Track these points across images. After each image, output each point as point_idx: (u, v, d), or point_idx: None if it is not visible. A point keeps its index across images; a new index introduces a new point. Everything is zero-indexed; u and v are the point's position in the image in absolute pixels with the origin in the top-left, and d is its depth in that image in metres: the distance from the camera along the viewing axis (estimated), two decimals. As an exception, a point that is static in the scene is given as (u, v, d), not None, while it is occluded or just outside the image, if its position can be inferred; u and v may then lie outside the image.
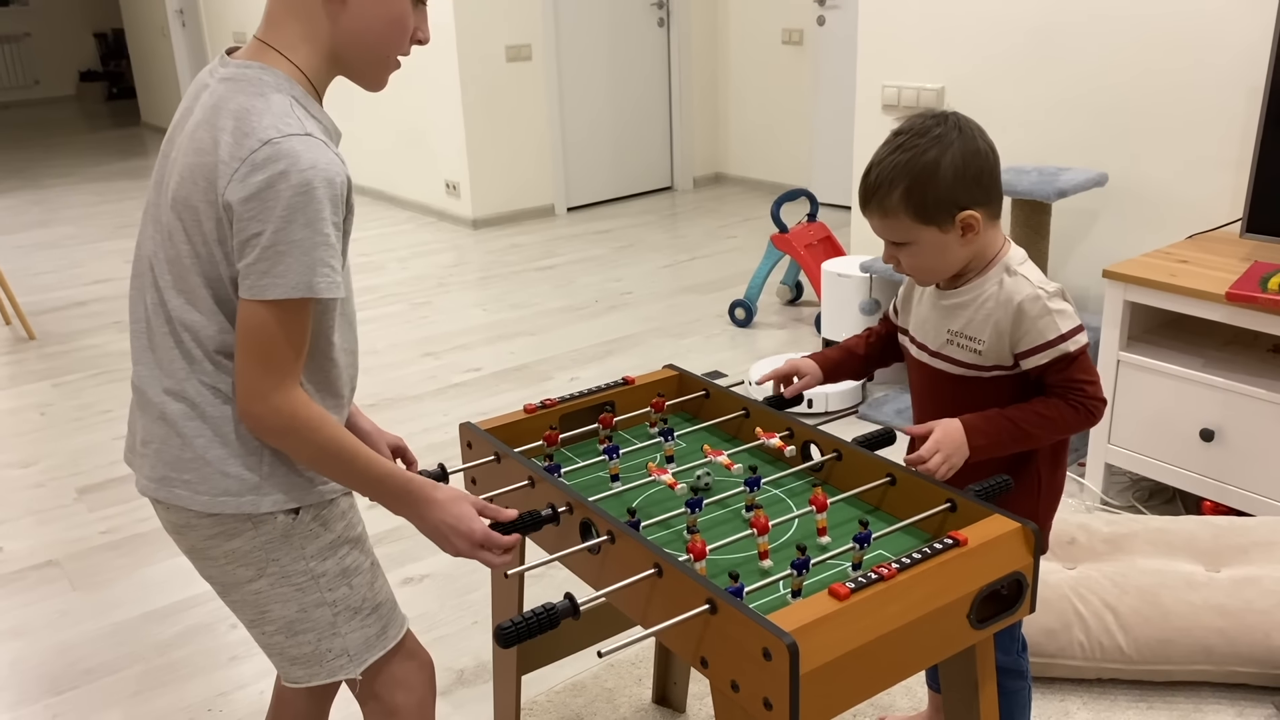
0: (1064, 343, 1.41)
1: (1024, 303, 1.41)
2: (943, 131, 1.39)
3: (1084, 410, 1.43)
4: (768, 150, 6.56)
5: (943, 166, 1.38)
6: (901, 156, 1.39)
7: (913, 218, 1.40)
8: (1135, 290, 2.51)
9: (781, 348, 3.96)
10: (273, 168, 1.14)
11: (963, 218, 1.40)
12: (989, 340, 1.45)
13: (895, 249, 1.45)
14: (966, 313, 1.47)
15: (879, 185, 1.40)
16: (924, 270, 1.47)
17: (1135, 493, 2.74)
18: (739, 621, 1.10)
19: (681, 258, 5.24)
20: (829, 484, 1.51)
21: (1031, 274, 1.45)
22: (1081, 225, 3.19)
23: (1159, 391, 2.51)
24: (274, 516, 1.29)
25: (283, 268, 1.15)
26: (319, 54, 1.24)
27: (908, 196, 1.39)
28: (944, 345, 1.50)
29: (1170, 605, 2.02)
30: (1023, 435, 1.42)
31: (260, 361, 1.19)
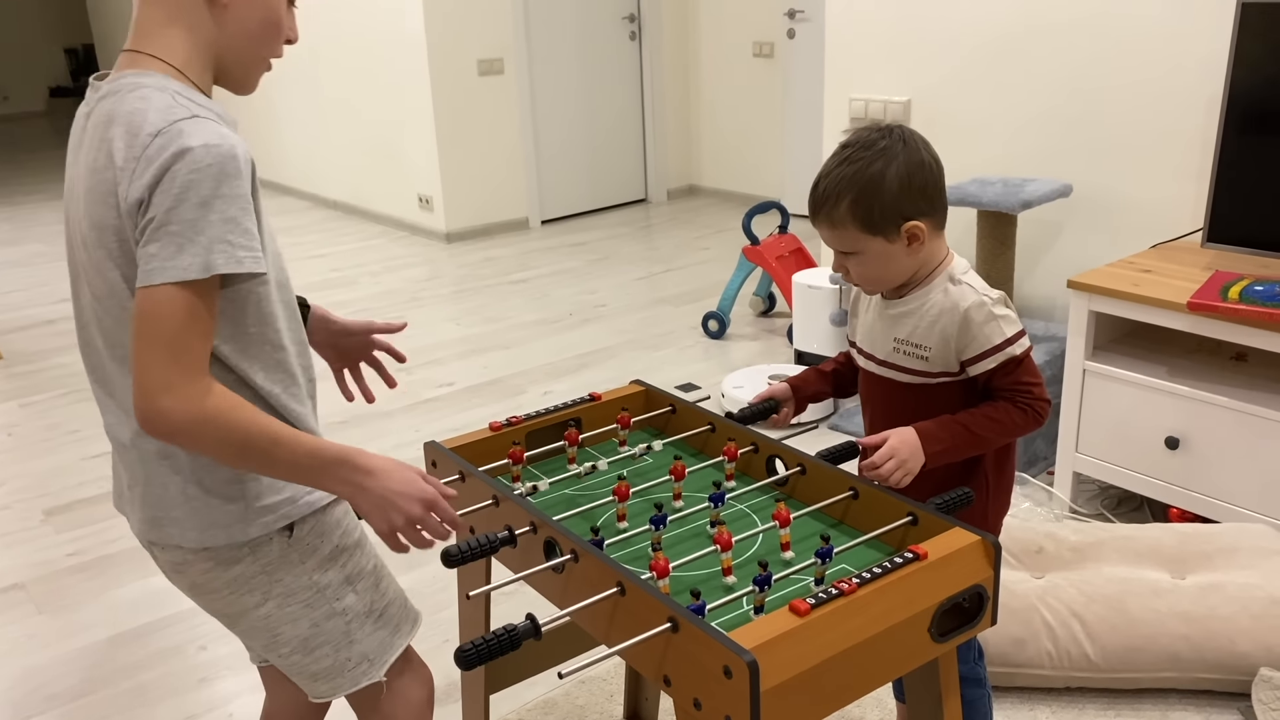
0: (1010, 347, 1.45)
1: (970, 310, 1.45)
2: (888, 144, 1.42)
3: (1031, 412, 1.46)
4: (740, 162, 6.59)
5: (888, 178, 1.41)
6: (848, 169, 1.42)
7: (860, 228, 1.43)
8: (1099, 300, 2.54)
9: (754, 359, 3.97)
10: (163, 154, 1.10)
11: (908, 228, 1.43)
12: (935, 347, 1.48)
13: (844, 258, 1.50)
14: (912, 320, 1.50)
15: (827, 197, 1.44)
16: (872, 279, 1.50)
17: (1103, 500, 2.77)
18: (700, 640, 1.10)
19: (656, 270, 5.26)
20: (793, 498, 1.51)
21: (975, 282, 1.49)
22: (1046, 236, 3.23)
23: (1124, 400, 2.54)
24: (268, 539, 1.28)
25: (173, 248, 1.09)
26: (200, 56, 1.22)
27: (854, 208, 1.42)
28: (891, 354, 1.53)
29: (1136, 613, 2.04)
30: (975, 439, 1.46)
31: (162, 352, 1.10)
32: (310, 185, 6.97)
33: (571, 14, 6.13)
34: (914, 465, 1.42)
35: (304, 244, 6.02)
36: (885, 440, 1.44)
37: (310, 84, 6.68)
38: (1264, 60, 2.42)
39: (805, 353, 3.73)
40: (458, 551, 1.30)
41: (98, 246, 1.18)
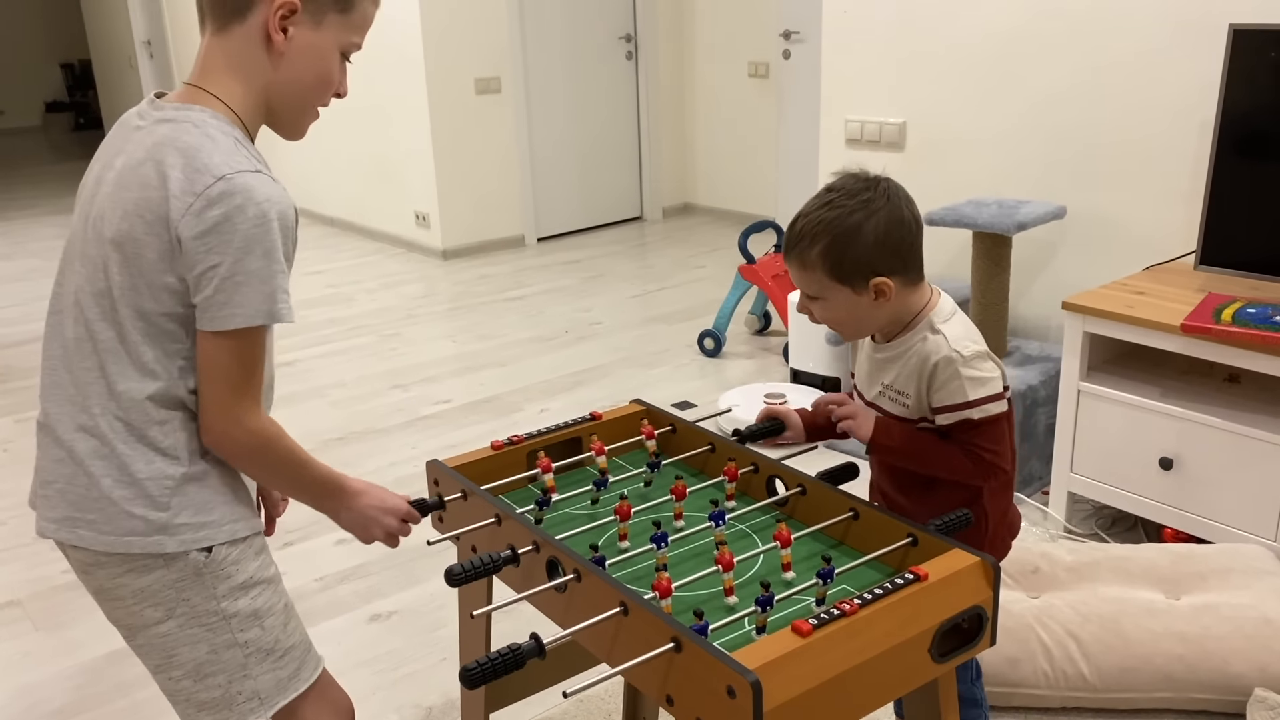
0: (969, 410, 1.46)
1: (938, 363, 1.46)
2: (871, 197, 1.43)
3: (981, 467, 1.48)
4: (735, 181, 6.62)
5: (864, 231, 1.42)
6: (828, 214, 1.43)
7: (827, 274, 1.45)
8: (1094, 321, 2.56)
9: (750, 377, 3.99)
10: (229, 202, 1.19)
11: (876, 283, 1.44)
12: (913, 395, 1.50)
13: (809, 301, 1.52)
14: (895, 366, 1.52)
15: (801, 237, 1.46)
16: (834, 324, 1.53)
17: (1098, 520, 2.78)
18: (703, 660, 1.11)
19: (651, 287, 5.28)
20: (794, 518, 1.53)
21: (952, 331, 1.48)
22: (1041, 257, 3.25)
23: (1118, 420, 2.56)
24: (186, 557, 1.30)
25: (241, 297, 1.21)
26: (254, 101, 1.30)
27: (826, 254, 1.44)
28: (877, 397, 1.56)
29: (1131, 633, 2.05)
30: (921, 459, 1.51)
31: (231, 388, 1.25)
32: (307, 202, 6.98)
33: (568, 33, 6.17)
34: (860, 432, 1.52)
35: (301, 260, 5.99)
36: (856, 405, 1.55)
37: (307, 101, 6.70)
38: (1256, 85, 2.45)
39: (801, 371, 3.75)
40: (461, 570, 1.31)
41: (120, 247, 1.23)
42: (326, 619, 2.53)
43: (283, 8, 1.25)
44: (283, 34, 1.26)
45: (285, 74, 1.29)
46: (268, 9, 1.25)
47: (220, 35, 1.27)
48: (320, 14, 1.27)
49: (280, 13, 1.25)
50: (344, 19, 1.30)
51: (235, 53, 1.27)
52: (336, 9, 1.28)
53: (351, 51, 1.34)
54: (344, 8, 1.29)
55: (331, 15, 1.28)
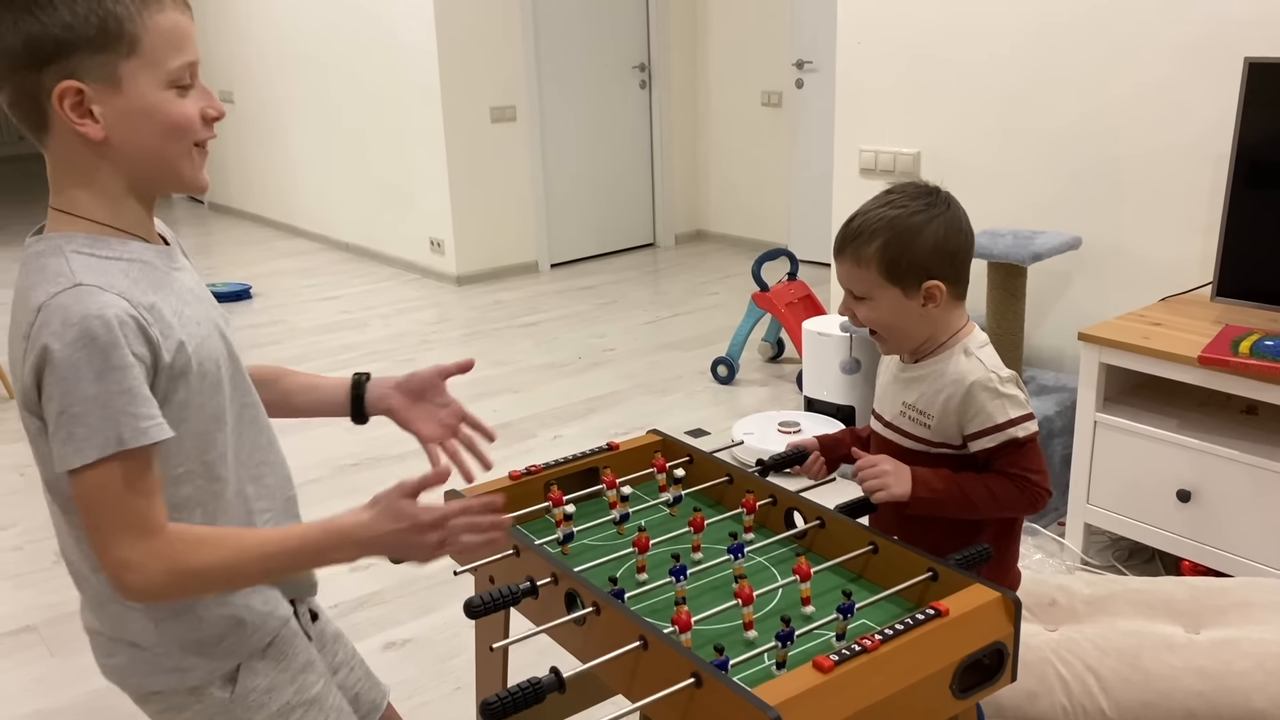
0: (1012, 428, 1.44)
1: (975, 384, 1.44)
2: (933, 201, 1.45)
3: (1029, 495, 1.45)
4: (748, 208, 6.65)
5: (925, 233, 1.42)
6: (890, 212, 1.43)
7: (882, 273, 1.44)
8: (1110, 353, 2.56)
9: (764, 405, 3.98)
10: (44, 334, 1.04)
11: (928, 286, 1.44)
12: (938, 417, 1.48)
13: (855, 302, 1.50)
14: (921, 386, 1.51)
15: (860, 233, 1.45)
16: (878, 327, 1.50)
17: (1115, 552, 2.77)
18: (723, 695, 1.11)
19: (664, 314, 5.29)
20: (812, 551, 1.52)
21: (988, 358, 1.48)
22: (1056, 287, 3.25)
23: (1135, 452, 2.55)
24: (210, 692, 1.24)
25: (83, 430, 1.04)
26: (108, 195, 1.12)
27: (884, 250, 1.43)
28: (896, 416, 1.55)
29: (1151, 667, 2.03)
30: (967, 502, 1.45)
31: (109, 531, 1.07)
32: (322, 228, 7.04)
33: (582, 62, 6.23)
34: (897, 492, 1.43)
35: (315, 286, 6.06)
36: (884, 459, 1.46)
37: (324, 127, 6.77)
38: (1271, 117, 2.46)
39: (815, 399, 3.75)
40: (480, 603, 1.31)
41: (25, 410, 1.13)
42: (340, 647, 2.52)
43: (64, 97, 1.05)
44: (91, 120, 1.06)
45: (124, 152, 1.10)
46: (58, 110, 1.05)
47: (47, 152, 1.12)
48: (109, 75, 1.05)
49: (68, 103, 1.05)
50: (141, 59, 1.07)
51: (64, 163, 1.11)
52: (121, 55, 1.05)
53: (183, 76, 1.11)
54: (130, 50, 1.06)
55: (123, 67, 1.06)
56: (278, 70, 7.13)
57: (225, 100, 8.01)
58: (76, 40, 1.03)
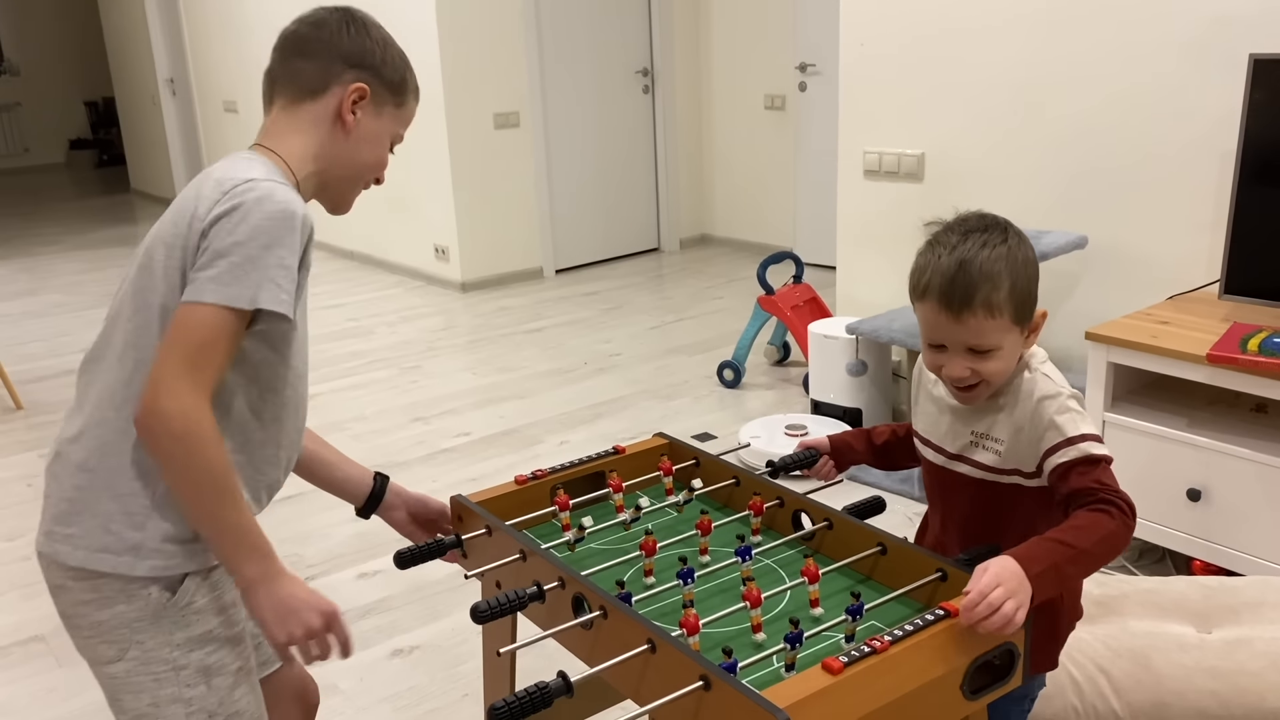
0: (1086, 443, 1.32)
1: (1045, 400, 1.35)
2: (1009, 229, 1.34)
3: (1119, 513, 1.26)
4: (752, 212, 6.65)
5: (1030, 262, 1.33)
6: (997, 251, 1.30)
7: (1012, 317, 1.32)
8: (1118, 352, 2.55)
9: (770, 409, 3.98)
10: (248, 194, 1.22)
11: (1038, 316, 1.36)
12: (1008, 440, 1.38)
13: (975, 358, 1.33)
14: (992, 413, 1.40)
15: (983, 281, 1.29)
16: (998, 377, 1.36)
17: (1125, 553, 2.75)
18: (733, 698, 1.10)
19: (669, 319, 5.28)
20: (820, 553, 1.52)
21: (1053, 373, 1.40)
22: (1063, 287, 3.24)
23: (1145, 451, 2.54)
24: (148, 591, 1.28)
25: (230, 276, 1.20)
26: (311, 168, 1.37)
27: (1013, 293, 1.30)
28: (967, 447, 1.43)
29: (1163, 668, 2.02)
30: (1076, 553, 1.24)
31: (183, 358, 1.19)
32: (327, 235, 7.05)
33: (586, 68, 6.23)
34: (1024, 595, 1.19)
35: (321, 294, 6.07)
36: (985, 571, 1.20)
37: (328, 136, 6.78)
38: (1277, 113, 2.45)
39: (821, 402, 3.74)
40: (486, 607, 1.31)
41: (150, 251, 1.27)
42: (348, 654, 2.52)
43: (356, 92, 1.37)
44: (354, 117, 1.37)
45: (348, 151, 1.39)
46: (343, 92, 1.36)
47: (290, 109, 1.37)
48: (381, 104, 1.40)
49: (354, 97, 1.37)
50: (397, 112, 1.43)
51: (303, 125, 1.36)
52: (393, 102, 1.42)
53: (397, 143, 1.46)
54: (399, 102, 1.43)
55: (389, 107, 1.41)
56: (282, 80, 7.14)
57: (230, 110, 8.03)
58: (381, 72, 1.40)
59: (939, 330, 1.34)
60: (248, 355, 1.29)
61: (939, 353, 1.37)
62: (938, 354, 1.37)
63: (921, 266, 1.34)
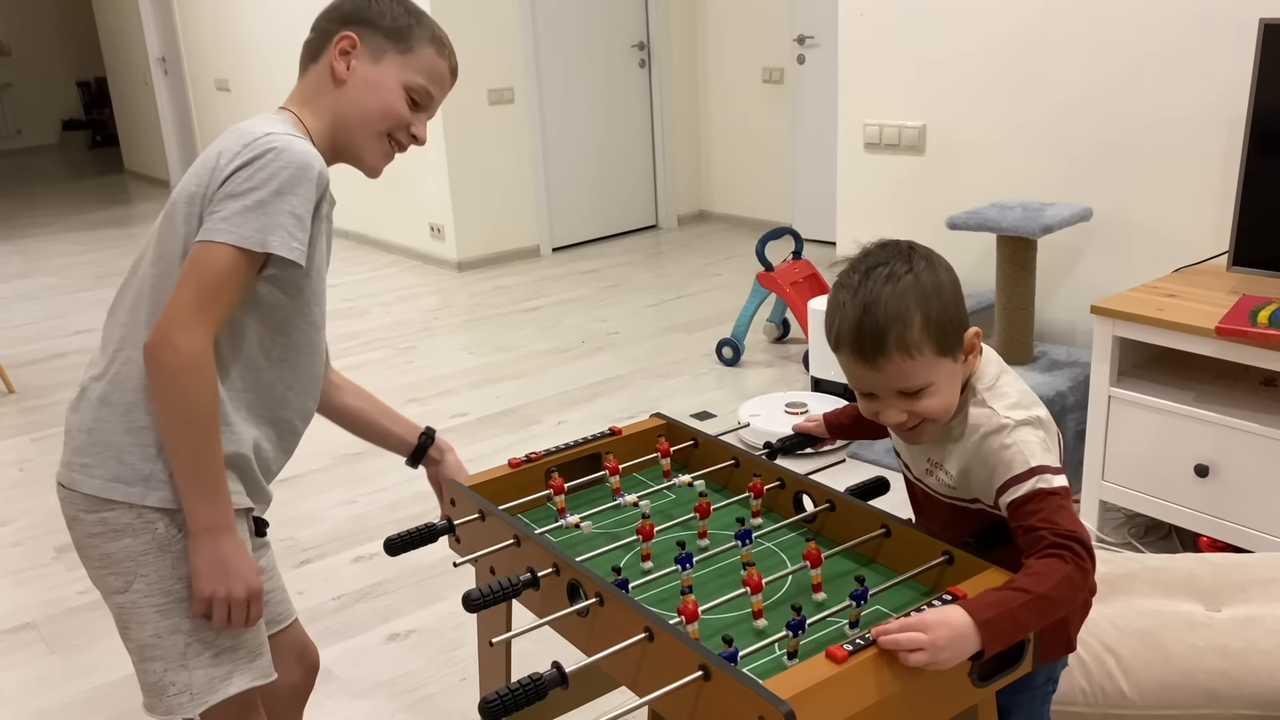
0: (1035, 477, 1.21)
1: (989, 434, 1.25)
2: (913, 254, 1.24)
3: (1073, 559, 1.15)
4: (750, 187, 6.58)
5: (945, 286, 1.23)
6: (904, 284, 1.20)
7: (935, 350, 1.21)
8: (1124, 325, 2.50)
9: (770, 386, 3.93)
10: (267, 146, 1.27)
11: (969, 337, 1.25)
12: (957, 476, 1.31)
13: (909, 400, 1.24)
14: (942, 444, 1.32)
15: (891, 321, 1.19)
16: (941, 413, 1.26)
17: (1130, 529, 2.71)
18: (733, 689, 1.06)
19: (667, 297, 5.23)
20: (822, 535, 1.47)
21: (1006, 389, 1.28)
22: (1067, 260, 3.19)
23: (1151, 427, 2.49)
24: (155, 526, 1.32)
25: (242, 219, 1.25)
26: (324, 125, 1.42)
27: (927, 325, 1.20)
28: (924, 474, 1.38)
29: (1171, 647, 1.99)
30: (1033, 598, 1.13)
31: (195, 295, 1.25)
32: (321, 215, 6.98)
33: (581, 43, 6.15)
34: (950, 653, 1.09)
35: (315, 274, 5.99)
36: (923, 613, 1.12)
37: (321, 115, 6.70)
38: (1287, 81, 2.39)
39: (822, 379, 3.70)
40: (479, 595, 1.27)
41: (173, 217, 1.32)
42: (344, 639, 2.48)
43: (342, 41, 1.40)
44: (345, 66, 1.40)
45: (347, 101, 1.41)
46: (333, 46, 1.41)
47: (303, 76, 1.44)
48: (379, 52, 1.41)
49: (340, 45, 1.40)
50: (403, 59, 1.42)
51: (310, 88, 1.43)
52: (395, 49, 1.42)
53: (420, 96, 1.43)
54: (403, 48, 1.42)
55: (390, 54, 1.42)
56: (275, 59, 7.05)
57: (222, 89, 7.95)
58: (376, 22, 1.41)
59: (863, 380, 1.25)
60: (261, 298, 1.33)
61: (870, 400, 1.27)
62: (870, 402, 1.28)
63: (829, 315, 1.25)
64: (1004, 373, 1.32)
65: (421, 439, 1.66)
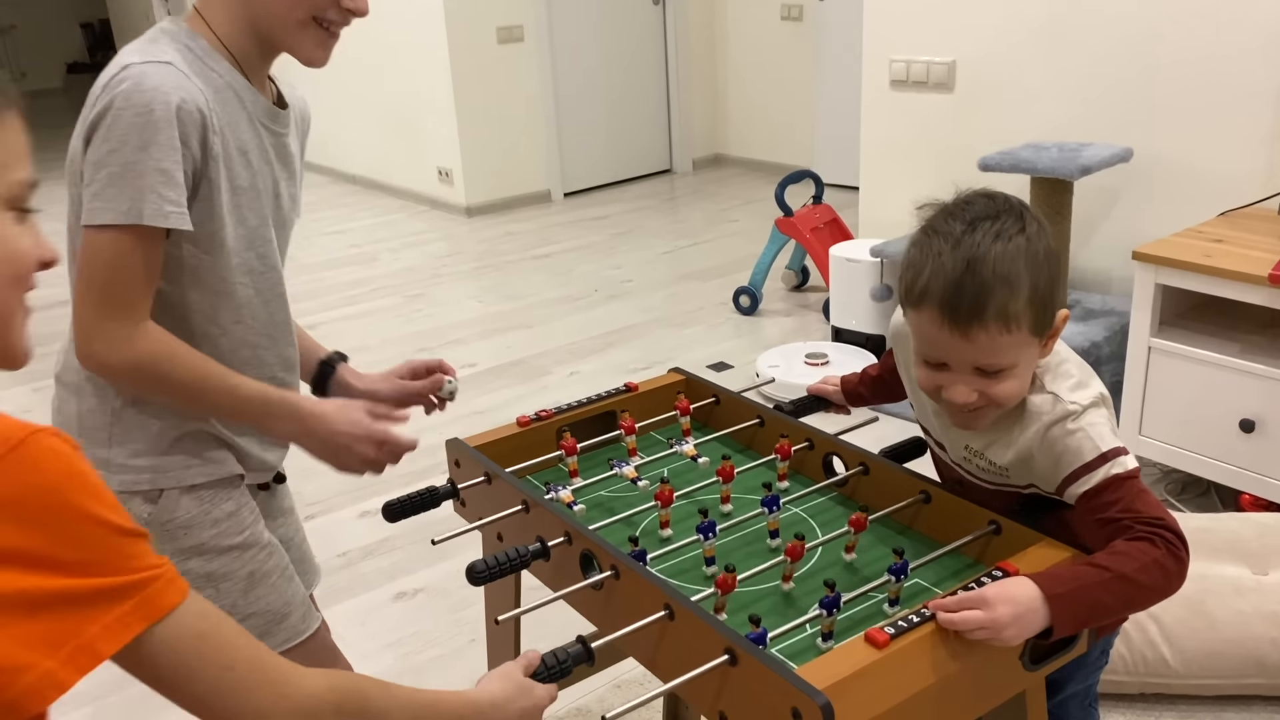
0: (1108, 463, 1.08)
1: (1054, 423, 1.12)
2: (1025, 213, 1.09)
3: (1165, 546, 1.04)
4: (768, 130, 6.39)
5: (1054, 255, 1.08)
6: (1014, 245, 1.05)
7: (1031, 327, 1.07)
8: (1167, 272, 2.37)
9: (789, 336, 3.81)
10: (117, 89, 1.11)
11: (1059, 320, 1.11)
12: (1013, 464, 1.17)
13: (985, 380, 1.09)
14: (989, 434, 1.18)
15: (998, 285, 1.03)
16: (1012, 400, 1.12)
17: (1167, 484, 2.60)
18: (763, 675, 0.96)
19: (682, 243, 5.09)
20: (854, 500, 1.37)
21: (1062, 382, 1.14)
22: (1104, 203, 3.05)
23: (1193, 380, 2.37)
24: (129, 506, 1.20)
25: (113, 191, 1.11)
26: (238, 22, 1.22)
27: (1034, 297, 1.05)
28: (963, 460, 1.23)
29: (1218, 614, 1.89)
30: (1114, 578, 1.01)
31: (98, 296, 1.14)
32: (328, 159, 6.83)
33: (593, -22, 5.94)
34: (1016, 630, 0.99)
35: (322, 220, 5.88)
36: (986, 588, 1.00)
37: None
38: (1352, 10, 2.22)
39: (843, 329, 3.57)
40: (484, 567, 1.17)
41: (71, 172, 1.18)
42: (350, 597, 2.41)
43: None
44: None
45: None
46: None
47: None
48: None
49: None
50: None
51: None
52: None
53: None
54: None
55: None
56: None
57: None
58: None
59: (940, 348, 1.09)
60: (184, 261, 1.20)
61: (938, 371, 1.12)
62: (936, 373, 1.12)
63: (917, 264, 1.08)
64: (1062, 357, 1.18)
65: (323, 366, 1.49)
